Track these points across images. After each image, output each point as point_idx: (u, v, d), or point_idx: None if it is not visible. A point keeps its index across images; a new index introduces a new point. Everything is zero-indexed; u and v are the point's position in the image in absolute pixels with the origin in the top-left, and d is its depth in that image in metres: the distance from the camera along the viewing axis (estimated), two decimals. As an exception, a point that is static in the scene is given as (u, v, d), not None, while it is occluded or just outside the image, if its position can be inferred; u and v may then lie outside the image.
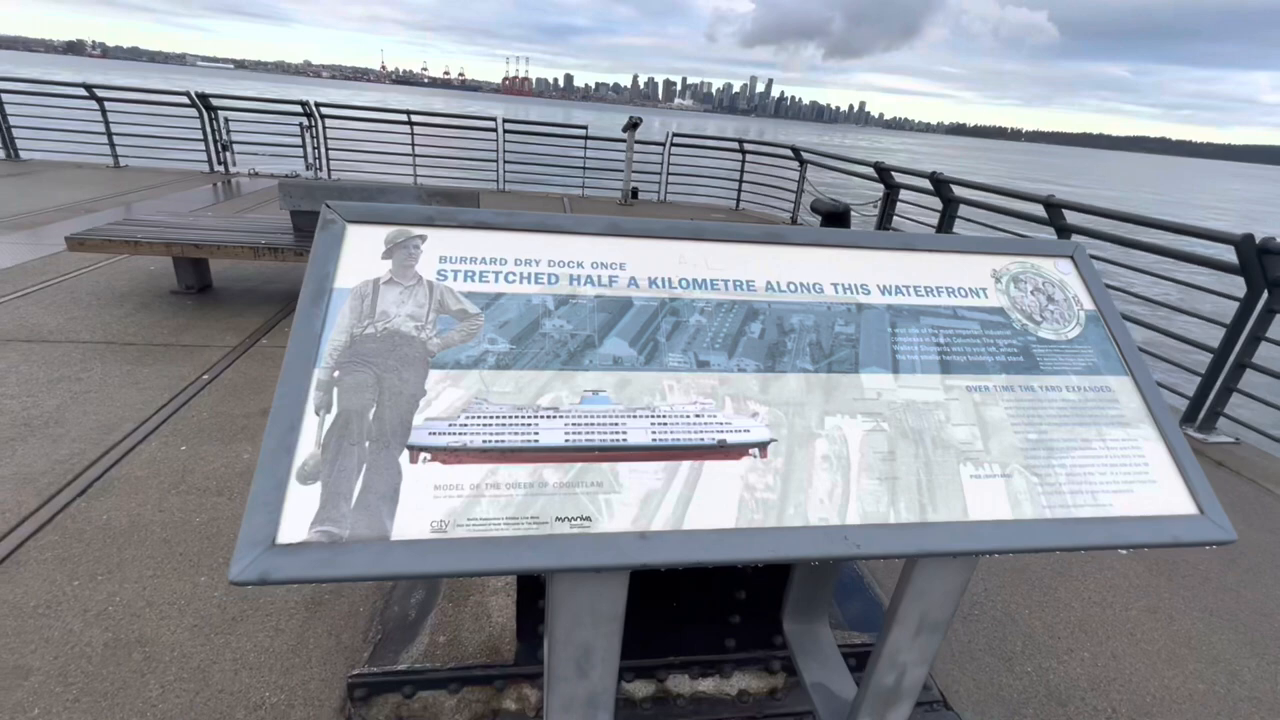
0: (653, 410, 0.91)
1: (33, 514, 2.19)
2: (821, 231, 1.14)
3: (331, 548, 0.75)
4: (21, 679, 1.62)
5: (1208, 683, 1.98)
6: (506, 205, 8.76)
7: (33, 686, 1.60)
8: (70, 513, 2.22)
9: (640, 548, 0.80)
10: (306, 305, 0.91)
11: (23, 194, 6.84)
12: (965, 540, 0.88)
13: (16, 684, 1.61)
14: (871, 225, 7.61)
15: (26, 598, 1.86)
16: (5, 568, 1.96)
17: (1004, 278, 1.17)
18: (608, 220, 1.07)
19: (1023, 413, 1.01)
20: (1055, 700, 1.86)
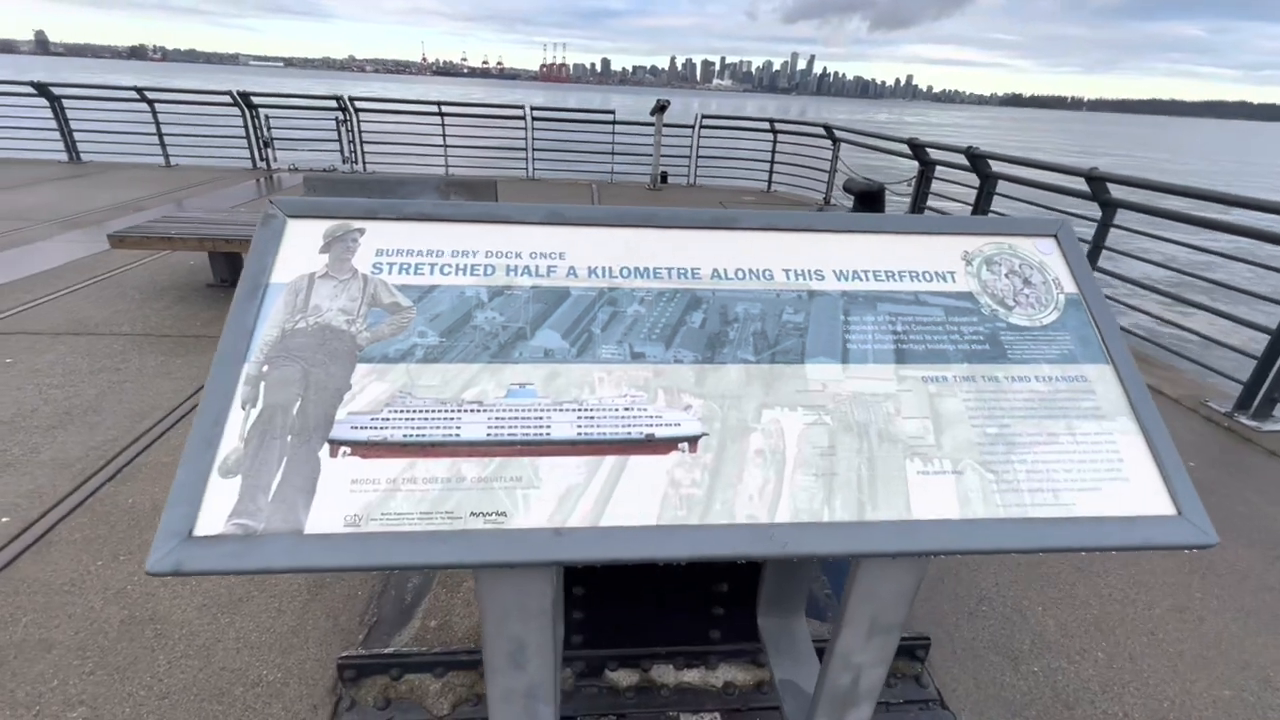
0: (580, 404, 0.89)
1: (66, 497, 2.34)
2: (777, 216, 1.09)
3: (245, 540, 0.76)
4: (45, 652, 1.74)
5: (1235, 689, 1.85)
6: (533, 193, 8.80)
7: (54, 659, 1.71)
8: (100, 496, 2.35)
9: (554, 544, 0.79)
10: (241, 300, 0.92)
11: (81, 194, 7.25)
12: (905, 540, 0.83)
13: (40, 656, 1.72)
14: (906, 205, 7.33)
15: (55, 576, 1.98)
16: (38, 548, 2.09)
17: (975, 260, 1.09)
18: (549, 208, 1.05)
19: (983, 405, 0.95)
20: (1062, 703, 1.78)
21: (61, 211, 6.39)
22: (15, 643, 1.76)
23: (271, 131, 9.93)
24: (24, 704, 1.60)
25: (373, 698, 1.67)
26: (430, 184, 4.56)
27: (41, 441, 2.65)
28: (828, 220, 1.10)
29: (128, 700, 1.62)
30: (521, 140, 10.11)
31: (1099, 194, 4.49)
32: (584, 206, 1.05)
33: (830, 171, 9.35)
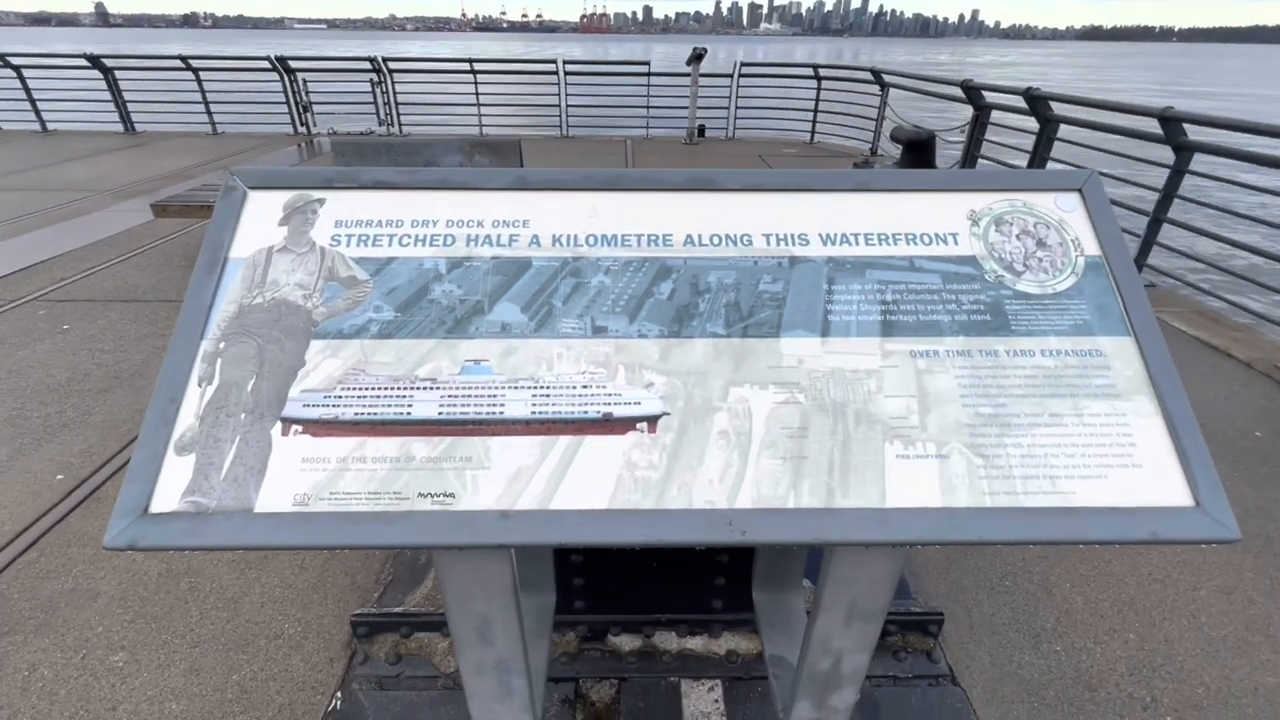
0: (536, 381, 0.85)
1: (114, 457, 2.49)
2: (762, 175, 1.00)
3: (197, 518, 0.77)
4: (92, 600, 1.87)
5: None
6: (567, 151, 8.66)
7: (100, 607, 1.85)
8: (143, 456, 2.49)
9: (500, 528, 0.77)
10: (200, 275, 0.91)
11: (134, 164, 7.54)
12: (875, 530, 0.77)
13: (88, 604, 1.86)
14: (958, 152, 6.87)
15: (102, 530, 2.12)
16: (88, 505, 2.24)
17: (983, 220, 0.98)
18: (514, 174, 0.99)
19: (977, 382, 0.86)
20: (1084, 684, 1.70)
21: (115, 182, 6.67)
22: (66, 591, 1.90)
23: (310, 96, 10.02)
24: (72, 647, 1.73)
25: (384, 653, 1.74)
26: (454, 146, 4.52)
27: (93, 404, 2.82)
28: (819, 178, 1.01)
29: (163, 647, 1.74)
30: (555, 97, 9.91)
31: (1173, 136, 4.07)
32: (550, 170, 0.99)
33: (878, 120, 8.83)
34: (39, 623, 1.80)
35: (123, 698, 1.61)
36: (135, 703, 1.60)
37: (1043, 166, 5.51)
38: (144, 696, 1.61)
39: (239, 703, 1.60)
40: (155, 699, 1.61)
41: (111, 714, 1.57)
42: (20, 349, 3.28)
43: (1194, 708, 1.65)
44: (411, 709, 1.61)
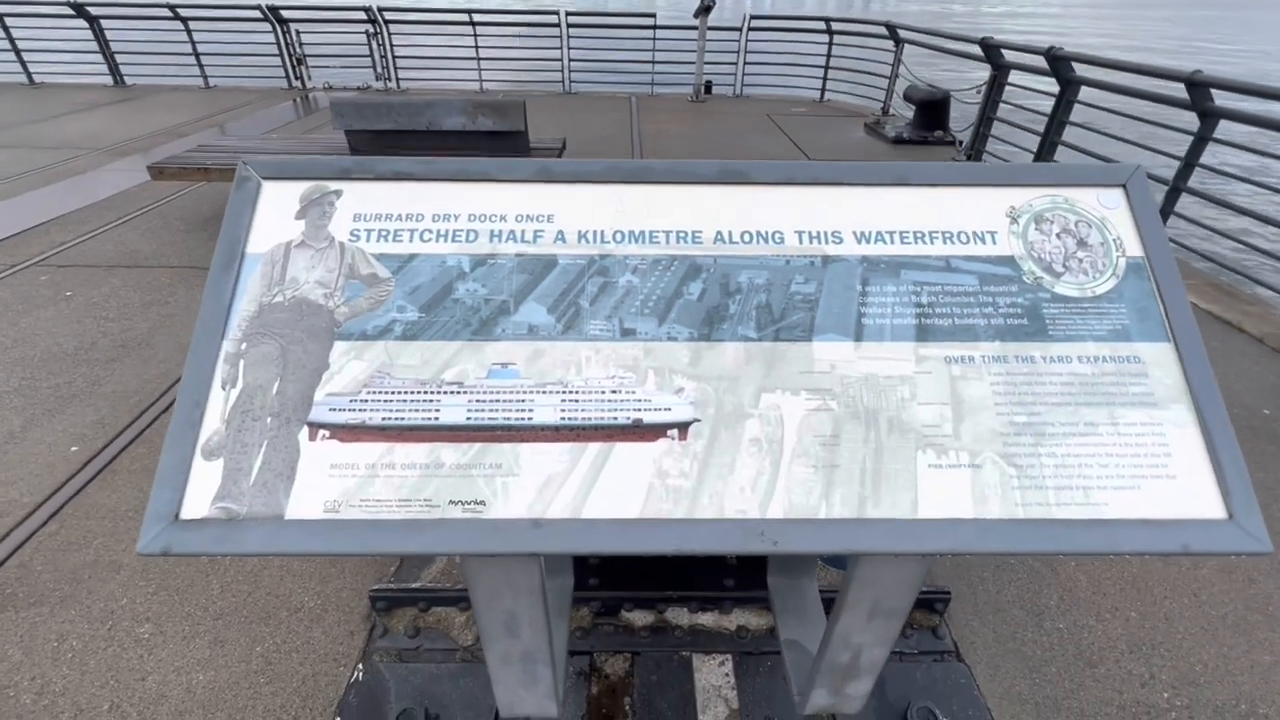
0: (565, 385, 0.84)
1: (126, 428, 2.50)
2: (793, 167, 0.97)
3: (229, 525, 0.77)
4: (114, 573, 1.91)
5: (1277, 655, 1.78)
6: (569, 108, 8.42)
7: (122, 580, 1.89)
8: (156, 428, 2.51)
9: (532, 536, 0.77)
10: (217, 273, 0.89)
11: (126, 120, 7.35)
12: (906, 540, 0.77)
13: (111, 576, 1.90)
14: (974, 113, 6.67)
15: (120, 503, 2.15)
16: (104, 477, 2.26)
17: (1023, 217, 0.95)
18: (537, 165, 0.96)
19: (1013, 389, 0.85)
20: (1084, 661, 1.75)
21: (108, 139, 6.51)
22: (89, 563, 1.93)
23: (304, 48, 9.69)
24: (99, 619, 1.78)
25: (403, 627, 1.78)
26: (457, 106, 4.39)
27: (102, 374, 2.82)
28: (853, 172, 0.97)
29: (186, 619, 1.78)
30: (557, 51, 9.57)
31: (1199, 102, 3.94)
32: (574, 162, 0.96)
33: (891, 78, 8.55)
34: (64, 594, 1.84)
35: (151, 668, 1.66)
36: (164, 673, 1.65)
37: (1061, 131, 5.36)
38: (171, 667, 1.66)
39: (264, 674, 1.65)
40: (183, 669, 1.66)
41: (141, 684, 1.62)
42: (24, 316, 3.26)
43: (1191, 684, 1.70)
44: (432, 680, 1.66)
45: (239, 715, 1.56)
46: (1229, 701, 1.66)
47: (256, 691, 1.61)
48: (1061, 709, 1.63)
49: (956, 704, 1.63)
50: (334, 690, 1.62)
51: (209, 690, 1.61)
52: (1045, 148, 5.50)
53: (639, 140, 7.03)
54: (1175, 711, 1.64)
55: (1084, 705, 1.64)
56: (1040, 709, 1.63)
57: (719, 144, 6.96)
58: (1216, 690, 1.69)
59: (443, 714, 1.58)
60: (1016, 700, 1.65)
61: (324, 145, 4.70)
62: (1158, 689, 1.68)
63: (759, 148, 6.85)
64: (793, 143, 7.10)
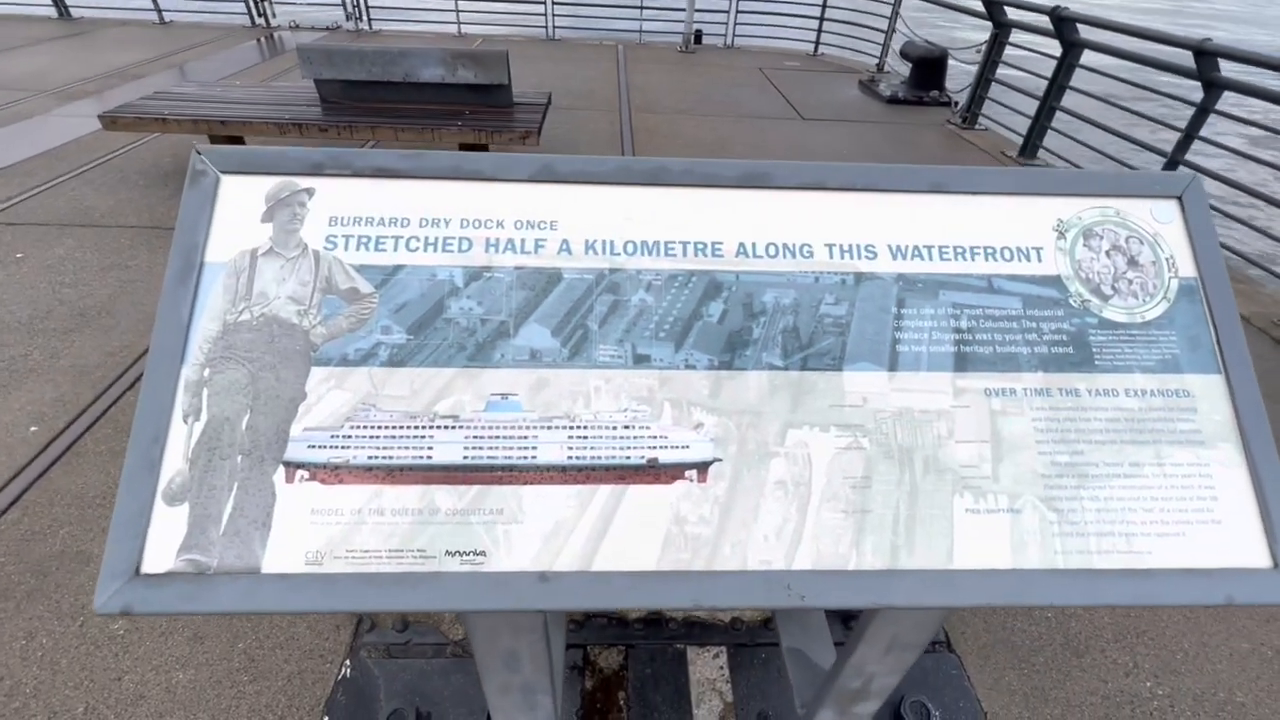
0: (572, 419, 0.76)
1: (89, 406, 2.37)
2: (821, 170, 0.87)
3: (198, 580, 0.69)
4: (84, 564, 1.82)
5: (1254, 643, 1.82)
6: (553, 57, 8.01)
7: (92, 572, 1.80)
8: (121, 406, 2.38)
9: (538, 591, 0.70)
10: (172, 285, 0.78)
11: (74, 59, 6.81)
12: (941, 594, 0.72)
13: (80, 568, 1.81)
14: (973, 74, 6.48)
15: (86, 488, 2.05)
16: (67, 459, 2.15)
17: (1070, 231, 0.87)
18: (540, 162, 0.85)
19: (1056, 426, 0.79)
20: (1071, 650, 1.77)
21: (55, 80, 6.04)
22: (55, 554, 1.84)
23: (266, -19, 9.01)
24: (69, 614, 1.70)
25: (391, 620, 1.74)
26: (434, 56, 4.11)
27: (60, 346, 2.65)
28: (889, 176, 0.88)
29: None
30: (539, -9, 9.03)
31: (1205, 71, 3.84)
32: (579, 159, 0.85)
33: (887, 33, 8.26)
34: (30, 588, 1.75)
35: (127, 667, 1.60)
36: (141, 672, 1.59)
37: (1061, 95, 5.23)
38: (149, 666, 1.60)
39: (246, 671, 1.60)
40: (161, 668, 1.60)
41: (117, 684, 1.56)
42: (-29, 280, 3.04)
43: (1171, 672, 1.74)
44: (422, 676, 1.63)
45: (222, 715, 1.52)
46: (1208, 689, 1.71)
47: (240, 690, 1.56)
48: (1049, 699, 1.66)
49: (948, 695, 1.65)
50: (321, 688, 1.58)
51: (189, 689, 1.56)
52: (1043, 112, 5.38)
53: (626, 94, 6.73)
54: (1157, 700, 1.68)
55: (1070, 695, 1.67)
56: (1029, 699, 1.66)
57: (709, 99, 6.70)
58: (1196, 679, 1.73)
59: (434, 711, 1.56)
60: (1006, 691, 1.67)
61: (292, 95, 4.40)
62: (1141, 678, 1.72)
63: (751, 105, 6.60)
64: (785, 100, 6.86)
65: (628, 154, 5.15)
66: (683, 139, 5.51)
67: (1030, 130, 5.49)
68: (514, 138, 3.97)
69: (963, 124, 6.36)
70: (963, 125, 6.35)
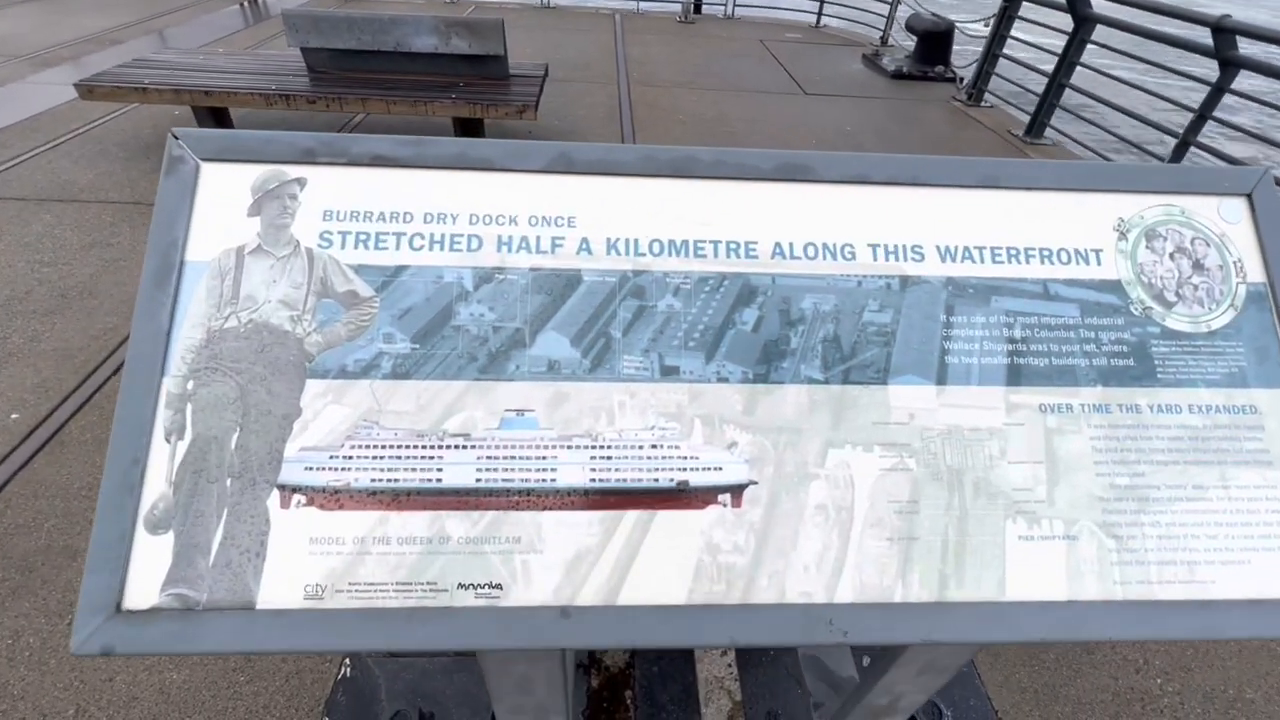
0: (594, 438, 0.70)
1: (73, 392, 2.28)
2: (864, 161, 0.79)
3: (185, 617, 0.63)
4: (70, 559, 1.76)
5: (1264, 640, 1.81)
6: (547, 26, 7.76)
7: (79, 567, 1.74)
8: (106, 392, 2.29)
9: (560, 628, 0.64)
10: (149, 288, 0.70)
11: (48, 22, 6.52)
12: (993, 629, 0.67)
13: (66, 563, 1.75)
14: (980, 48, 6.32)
15: (71, 479, 1.97)
16: (51, 449, 2.07)
17: (1132, 232, 0.80)
18: (555, 150, 0.77)
19: (1115, 445, 0.73)
20: (1081, 647, 1.75)
21: (30, 45, 5.78)
22: (41, 549, 1.78)
23: (249, -58, 8.62)
24: (57, 612, 1.64)
25: (391, 618, 1.69)
26: (427, 25, 3.94)
27: (41, 328, 2.55)
28: (936, 169, 0.80)
29: (155, 612, 1.66)
30: (534, -44, 8.71)
31: (1222, 49, 3.73)
32: (599, 147, 0.77)
33: (892, 4, 8.03)
34: (15, 585, 1.69)
35: (119, 667, 1.54)
36: (133, 672, 1.54)
37: (1070, 72, 5.11)
38: (141, 666, 1.55)
39: (244, 672, 1.56)
40: (153, 668, 1.55)
41: (109, 685, 1.51)
42: (-55, 258, 2.92)
43: (1182, 669, 1.73)
44: (424, 676, 1.59)
45: (218, 717, 1.48)
46: (1218, 686, 1.69)
47: (237, 691, 1.52)
48: (1059, 697, 1.64)
49: (959, 693, 1.63)
50: (320, 688, 1.54)
51: (184, 690, 1.51)
52: (1052, 90, 5.26)
53: (624, 66, 6.53)
54: (1167, 697, 1.67)
55: (1081, 692, 1.66)
56: (1039, 696, 1.64)
57: (709, 72, 6.51)
58: (1206, 675, 1.72)
59: (437, 712, 1.52)
60: (1016, 689, 1.65)
61: (277, 64, 4.22)
62: (1151, 675, 1.71)
63: (752, 78, 6.43)
64: (787, 73, 6.68)
65: (626, 129, 5.00)
66: (683, 113, 5.36)
67: (1038, 108, 5.37)
68: (510, 112, 3.83)
69: (968, 100, 6.22)
70: (968, 102, 6.22)
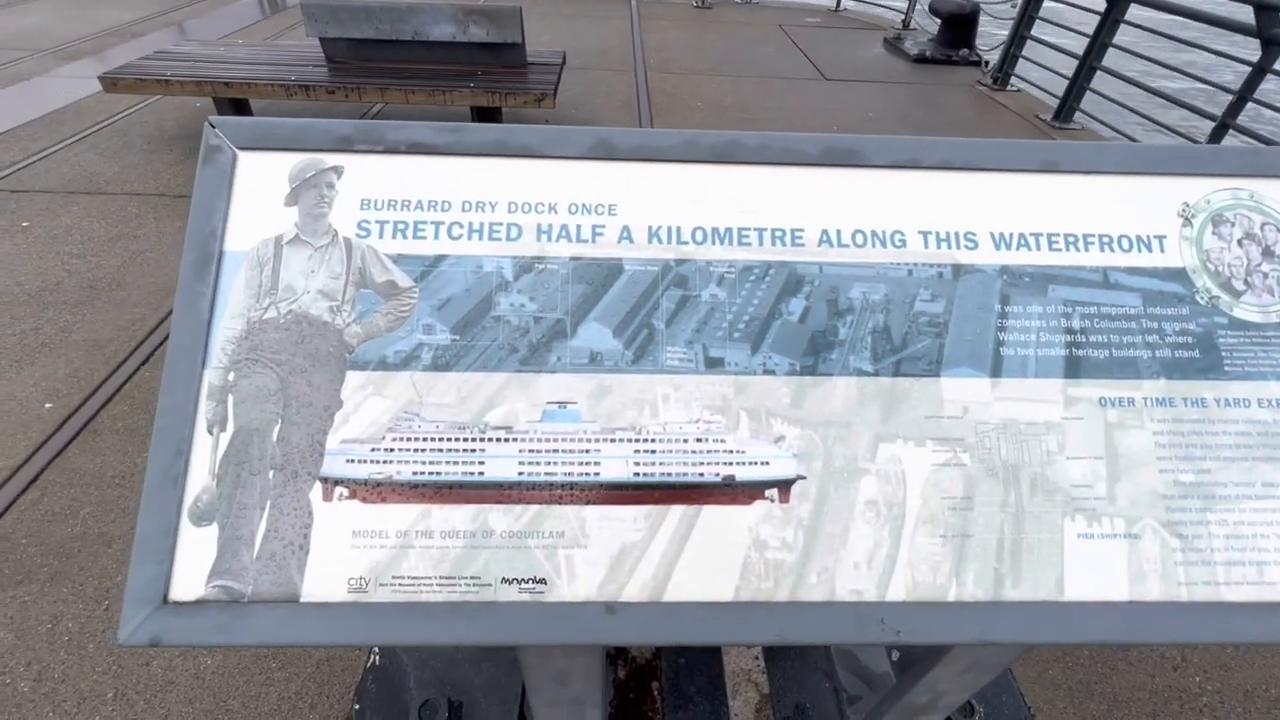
0: (638, 431, 0.68)
1: (104, 382, 2.31)
2: (914, 145, 0.76)
3: (231, 609, 0.62)
4: (106, 546, 1.79)
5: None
6: (563, 14, 7.69)
7: (115, 554, 1.77)
8: (136, 382, 2.33)
9: (605, 624, 0.63)
10: (189, 278, 0.69)
11: (70, 16, 6.59)
12: (1051, 629, 0.65)
13: (102, 550, 1.78)
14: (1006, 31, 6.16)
15: (104, 468, 2.01)
16: (85, 437, 2.11)
17: (1198, 217, 0.77)
18: (596, 136, 0.75)
19: (1180, 440, 0.70)
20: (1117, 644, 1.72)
21: (54, 38, 5.85)
22: (77, 535, 1.81)
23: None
24: (94, 598, 1.68)
25: (419, 607, 1.70)
26: (445, 13, 3.92)
27: (71, 319, 2.59)
28: (990, 153, 0.77)
29: (188, 598, 1.69)
30: (550, -58, 8.62)
31: (1265, 28, 3.60)
32: (642, 132, 0.75)
33: (915, -15, 7.84)
34: (53, 570, 1.73)
35: (155, 652, 1.57)
36: (169, 658, 1.56)
37: (1102, 54, 4.96)
38: (176, 651, 1.58)
39: (276, 658, 1.58)
40: (189, 653, 1.58)
41: (145, 669, 1.54)
42: (-22, 250, 2.97)
43: (1221, 667, 1.69)
44: (452, 665, 1.60)
45: (252, 702, 1.50)
46: (1259, 685, 1.65)
47: (269, 677, 1.54)
48: (1094, 694, 1.61)
49: (991, 690, 1.60)
50: (351, 675, 1.56)
51: (218, 676, 1.54)
52: (1082, 72, 5.11)
53: (641, 52, 6.46)
54: (1207, 696, 1.63)
55: (1117, 690, 1.63)
56: (1074, 694, 1.61)
57: (728, 58, 6.42)
58: (1247, 674, 1.67)
59: (466, 700, 1.53)
60: (1050, 685, 1.62)
61: (296, 54, 4.22)
62: (1190, 673, 1.67)
63: (772, 64, 6.33)
64: (808, 59, 6.57)
65: (644, 116, 4.95)
66: (701, 100, 5.29)
67: (1067, 91, 5.23)
68: (529, 100, 3.81)
69: (994, 84, 6.07)
70: (994, 86, 6.07)
